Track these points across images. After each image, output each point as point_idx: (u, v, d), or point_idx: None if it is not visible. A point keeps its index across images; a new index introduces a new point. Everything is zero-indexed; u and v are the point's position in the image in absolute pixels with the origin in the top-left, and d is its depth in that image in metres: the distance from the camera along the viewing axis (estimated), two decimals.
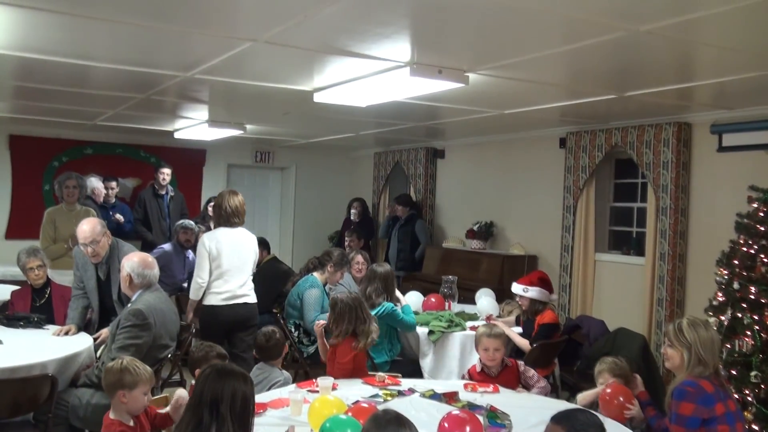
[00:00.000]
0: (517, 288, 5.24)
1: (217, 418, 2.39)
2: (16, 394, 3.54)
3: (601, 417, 2.76)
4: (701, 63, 4.11)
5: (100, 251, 4.59)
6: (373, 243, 9.59)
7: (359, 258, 6.18)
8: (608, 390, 3.43)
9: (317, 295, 5.40)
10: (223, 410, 2.39)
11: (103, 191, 7.79)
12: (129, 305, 4.10)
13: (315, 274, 5.62)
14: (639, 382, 3.61)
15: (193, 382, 3.24)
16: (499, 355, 3.99)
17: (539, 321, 5.06)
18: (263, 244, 6.93)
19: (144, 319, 3.88)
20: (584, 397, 3.63)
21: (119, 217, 7.56)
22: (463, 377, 4.26)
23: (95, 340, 4.60)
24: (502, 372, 4.02)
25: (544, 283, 5.19)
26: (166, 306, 4.20)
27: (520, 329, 5.26)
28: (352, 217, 9.40)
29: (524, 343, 4.99)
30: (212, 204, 8.20)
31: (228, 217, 5.09)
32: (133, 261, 4.14)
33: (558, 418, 2.43)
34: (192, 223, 7.50)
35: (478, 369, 4.07)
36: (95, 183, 7.75)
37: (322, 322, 4.23)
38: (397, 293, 5.33)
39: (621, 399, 3.36)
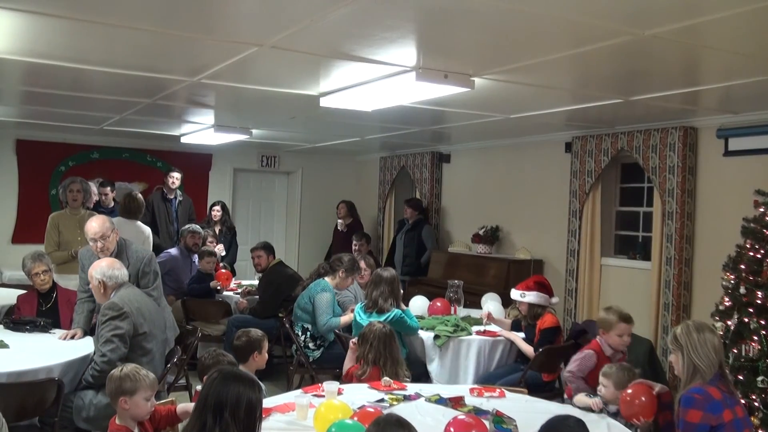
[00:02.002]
0: (515, 294, 5.23)
1: (221, 422, 2.36)
2: (23, 398, 3.54)
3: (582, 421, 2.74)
4: (707, 67, 4.10)
5: (109, 246, 4.60)
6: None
7: (362, 264, 6.11)
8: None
9: (329, 299, 5.40)
10: (227, 415, 2.36)
11: (95, 197, 7.76)
12: None
13: (326, 278, 5.61)
14: (659, 385, 3.55)
15: (199, 387, 3.24)
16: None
17: (540, 326, 5.03)
18: (268, 248, 6.93)
19: (119, 309, 3.95)
20: (580, 401, 3.60)
21: None
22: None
23: None
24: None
25: (541, 287, 5.18)
26: (140, 297, 4.24)
27: (523, 334, 5.24)
28: (339, 228, 9.22)
29: (529, 349, 4.98)
30: (217, 207, 8.31)
31: (126, 211, 6.51)
32: (101, 266, 4.18)
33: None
34: (200, 227, 7.51)
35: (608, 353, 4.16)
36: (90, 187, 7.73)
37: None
38: None
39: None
